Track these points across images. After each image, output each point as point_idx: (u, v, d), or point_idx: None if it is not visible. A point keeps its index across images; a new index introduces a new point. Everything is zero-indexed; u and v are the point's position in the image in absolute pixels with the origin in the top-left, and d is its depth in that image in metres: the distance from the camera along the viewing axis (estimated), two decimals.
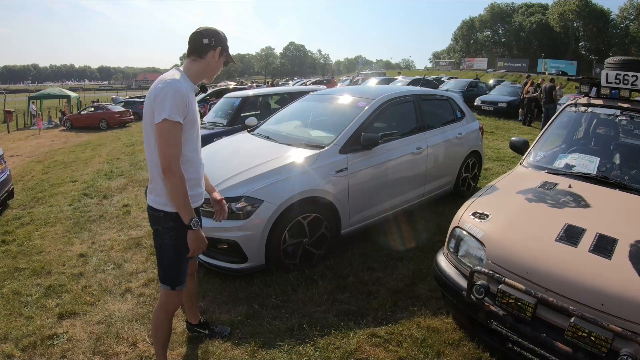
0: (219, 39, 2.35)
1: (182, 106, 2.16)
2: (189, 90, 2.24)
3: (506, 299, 2.36)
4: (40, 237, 5.02)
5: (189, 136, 2.29)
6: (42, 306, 3.46)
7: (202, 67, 2.35)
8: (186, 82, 2.27)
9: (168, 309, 2.47)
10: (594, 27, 70.09)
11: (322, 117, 5.31)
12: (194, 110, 2.31)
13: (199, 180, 2.43)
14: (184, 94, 2.17)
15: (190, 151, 2.32)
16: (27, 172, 9.50)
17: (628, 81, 3.52)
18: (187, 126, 2.25)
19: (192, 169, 2.35)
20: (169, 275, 2.38)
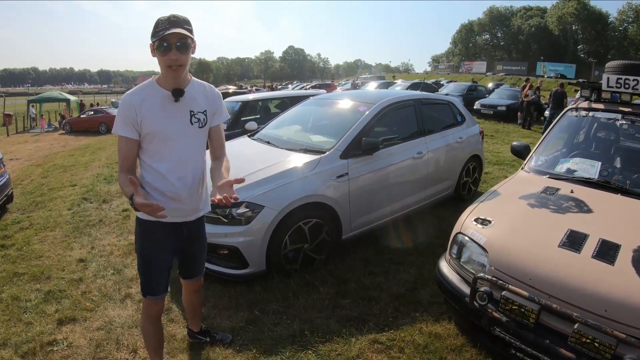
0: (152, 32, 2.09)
1: (127, 118, 2.11)
2: (143, 99, 2.13)
3: (509, 305, 2.35)
4: (39, 242, 5.00)
5: (151, 150, 2.20)
6: (42, 312, 3.44)
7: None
8: (150, 90, 2.17)
9: (149, 315, 2.45)
10: (593, 30, 70.28)
11: (322, 122, 5.31)
12: (152, 122, 2.14)
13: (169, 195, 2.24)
14: (126, 108, 2.11)
15: (156, 162, 2.21)
16: (27, 176, 9.48)
17: (629, 85, 3.52)
18: (147, 139, 2.17)
19: (159, 180, 2.22)
20: (141, 282, 2.37)
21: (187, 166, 2.27)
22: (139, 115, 2.10)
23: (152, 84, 2.19)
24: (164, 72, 2.14)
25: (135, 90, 2.18)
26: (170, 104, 2.18)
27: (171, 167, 2.21)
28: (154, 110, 2.14)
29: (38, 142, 17.68)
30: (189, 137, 2.25)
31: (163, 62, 2.08)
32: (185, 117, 2.23)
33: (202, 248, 2.61)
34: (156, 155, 2.20)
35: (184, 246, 2.44)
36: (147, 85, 2.19)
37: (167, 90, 2.17)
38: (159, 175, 2.21)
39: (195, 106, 2.26)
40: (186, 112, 2.23)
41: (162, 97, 2.16)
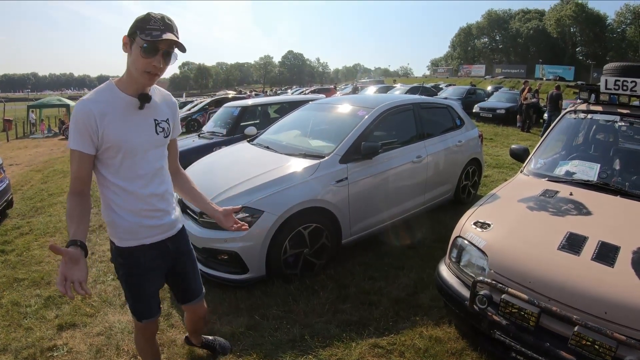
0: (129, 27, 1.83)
1: (85, 130, 1.80)
2: (108, 107, 1.84)
3: (509, 308, 2.35)
4: (39, 247, 4.99)
5: (115, 165, 1.91)
6: (42, 317, 3.44)
7: (127, 69, 1.89)
8: (109, 97, 1.87)
9: (144, 336, 2.34)
10: (591, 32, 70.55)
11: (321, 127, 5.32)
12: (115, 133, 1.85)
13: (144, 212, 2.01)
14: (84, 118, 1.79)
15: (124, 179, 1.93)
16: (27, 181, 9.48)
17: (627, 87, 3.53)
18: (110, 153, 1.88)
19: (130, 199, 1.96)
20: (132, 308, 2.20)
21: (158, 179, 2.05)
22: (100, 126, 1.81)
23: (112, 89, 1.89)
24: (135, 75, 1.86)
25: (92, 97, 1.85)
26: (134, 112, 1.92)
27: (143, 183, 1.97)
28: (116, 119, 1.86)
29: (38, 148, 17.68)
30: (156, 148, 2.03)
31: (142, 65, 1.81)
32: (151, 127, 1.98)
33: (193, 263, 2.37)
34: (123, 172, 1.92)
35: (172, 264, 2.23)
36: (106, 90, 1.89)
37: (130, 95, 1.90)
38: (129, 195, 1.95)
39: (159, 114, 2.03)
40: (151, 121, 1.99)
41: (125, 104, 1.89)
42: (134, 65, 1.83)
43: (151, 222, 2.03)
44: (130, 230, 1.99)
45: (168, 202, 2.12)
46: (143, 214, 1.99)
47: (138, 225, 1.99)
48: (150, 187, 2.00)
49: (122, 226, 1.98)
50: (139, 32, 1.77)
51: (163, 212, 2.08)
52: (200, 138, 7.79)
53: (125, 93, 1.89)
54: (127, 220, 1.97)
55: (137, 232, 2.01)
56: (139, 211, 1.97)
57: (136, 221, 1.98)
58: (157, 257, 2.11)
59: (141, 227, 2.00)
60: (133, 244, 2.02)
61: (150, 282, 2.14)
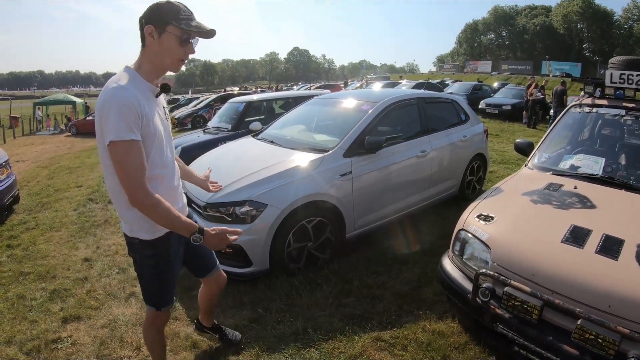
0: (149, 16, 1.82)
1: (135, 118, 1.75)
2: (141, 95, 1.81)
3: (512, 301, 2.34)
4: (45, 242, 5.03)
5: (150, 152, 1.88)
6: (47, 310, 3.47)
7: (149, 59, 1.88)
8: (138, 84, 1.84)
9: (158, 326, 2.35)
10: (598, 28, 69.92)
11: (326, 121, 5.31)
12: (153, 119, 1.86)
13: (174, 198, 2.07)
14: (132, 104, 1.73)
15: (157, 167, 1.94)
16: (33, 178, 9.54)
17: (632, 81, 3.49)
18: (148, 140, 1.85)
19: (162, 184, 1.98)
20: (153, 298, 2.22)
21: (175, 165, 2.14)
22: (142, 114, 1.78)
23: (137, 76, 1.87)
24: (167, 64, 1.89)
25: (129, 84, 1.80)
26: (153, 100, 1.93)
27: (169, 169, 2.04)
28: (148, 107, 1.84)
29: (44, 144, 17.78)
30: (170, 136, 2.10)
31: (179, 54, 1.86)
32: (165, 114, 2.05)
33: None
34: (154, 161, 1.92)
35: (187, 247, 2.28)
36: (134, 78, 1.85)
37: (151, 84, 1.91)
38: (162, 181, 1.99)
39: (164, 102, 2.10)
40: (162, 109, 2.03)
41: (147, 91, 1.89)
42: (168, 55, 1.86)
43: (175, 207, 1.99)
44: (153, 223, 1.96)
45: (179, 188, 2.19)
46: (171, 199, 1.99)
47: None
48: (174, 172, 2.08)
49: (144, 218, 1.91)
50: (174, 22, 1.80)
51: (180, 196, 2.17)
52: (206, 133, 7.80)
53: (146, 81, 1.89)
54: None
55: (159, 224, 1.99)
56: (169, 198, 1.95)
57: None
58: (177, 241, 2.16)
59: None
60: (163, 232, 2.03)
61: (175, 267, 2.20)
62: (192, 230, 1.90)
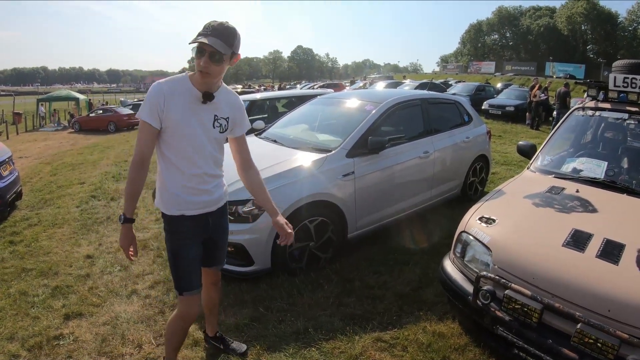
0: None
1: (153, 107, 2.10)
2: (177, 93, 2.15)
3: (512, 304, 2.35)
4: (47, 238, 5.05)
5: (171, 143, 2.19)
6: (49, 307, 3.48)
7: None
8: (179, 85, 2.17)
9: (182, 317, 2.39)
10: (602, 30, 69.61)
11: (329, 121, 5.32)
12: (176, 116, 2.14)
13: (189, 189, 2.27)
14: (156, 96, 2.11)
15: (175, 156, 2.21)
16: (36, 174, 9.57)
17: (636, 84, 3.48)
18: (168, 132, 2.16)
19: (179, 175, 2.23)
20: (174, 279, 2.36)
21: (207, 163, 2.29)
22: (165, 105, 2.11)
23: (185, 80, 2.19)
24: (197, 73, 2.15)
25: (167, 81, 2.19)
26: (198, 104, 2.19)
27: (189, 163, 2.23)
28: (181, 104, 2.15)
29: (47, 141, 17.83)
30: (209, 138, 2.27)
31: (196, 64, 2.11)
32: (209, 120, 2.25)
33: (225, 237, 2.61)
34: (175, 151, 2.20)
35: (209, 236, 2.45)
36: (180, 79, 2.20)
37: (197, 90, 2.18)
38: (177, 171, 2.22)
39: (219, 111, 2.29)
40: (210, 116, 2.26)
41: (191, 95, 2.17)
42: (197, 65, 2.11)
43: (191, 198, 2.27)
44: (176, 202, 2.26)
45: (212, 184, 2.35)
46: (185, 190, 2.25)
47: (179, 198, 2.25)
48: (194, 169, 2.25)
49: (166, 196, 2.26)
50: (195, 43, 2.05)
51: (202, 191, 2.31)
52: None
53: (194, 86, 2.17)
54: (171, 192, 2.25)
55: (179, 204, 2.26)
56: (181, 187, 2.24)
57: (178, 194, 2.25)
58: (196, 227, 2.34)
59: (182, 200, 2.26)
60: (175, 213, 2.27)
61: (189, 248, 2.33)
62: (125, 212, 2.24)
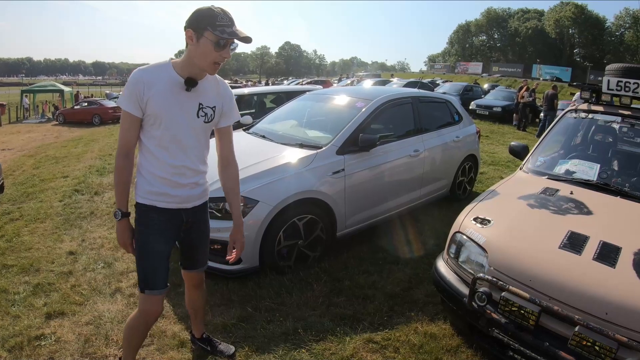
0: (191, 20, 1.99)
1: (133, 95, 2.00)
2: (154, 79, 2.03)
3: (509, 306, 2.31)
4: (29, 234, 4.90)
5: (150, 132, 2.10)
6: (30, 305, 3.34)
7: (187, 56, 2.06)
8: (162, 72, 2.06)
9: (142, 316, 2.26)
10: (589, 35, 70.48)
11: (318, 117, 5.26)
12: (157, 104, 2.04)
13: (165, 180, 2.15)
14: (136, 83, 2.00)
15: (155, 145, 2.11)
16: (18, 167, 9.36)
17: (629, 88, 3.51)
18: (149, 121, 2.07)
19: (156, 164, 2.13)
20: (138, 275, 2.23)
21: (188, 156, 2.18)
22: (146, 93, 2.01)
23: (167, 67, 2.08)
24: (203, 65, 2.04)
25: (148, 68, 2.07)
26: (181, 92, 2.08)
27: (167, 154, 2.12)
28: (163, 93, 2.04)
29: (31, 133, 17.52)
30: (193, 128, 2.17)
31: (214, 57, 2.00)
32: (193, 109, 2.14)
33: (203, 237, 2.48)
34: (157, 141, 2.10)
35: (183, 235, 2.33)
36: (162, 66, 2.08)
37: (181, 77, 2.07)
38: (154, 160, 2.12)
39: (205, 100, 2.18)
40: (195, 104, 2.15)
41: (174, 82, 2.06)
42: (203, 57, 2.01)
43: (165, 189, 2.16)
44: (146, 191, 2.15)
45: (192, 178, 2.24)
46: (160, 180, 2.15)
47: (153, 188, 2.15)
48: (172, 160, 2.14)
49: (140, 185, 2.16)
50: (210, 28, 1.94)
51: (179, 185, 2.19)
52: None
53: (177, 73, 2.07)
54: (146, 180, 2.15)
55: (152, 194, 2.15)
56: (157, 177, 2.14)
57: (153, 183, 2.15)
58: (167, 223, 2.23)
59: (155, 191, 2.15)
60: (146, 202, 2.17)
61: (156, 242, 2.21)
62: (119, 207, 2.15)
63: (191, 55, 2.03)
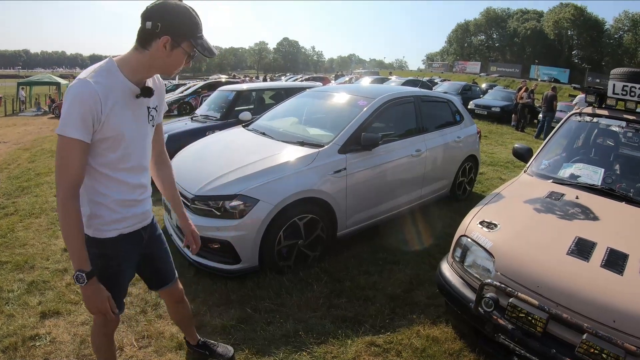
0: (168, 24, 1.66)
1: (87, 117, 1.59)
2: (109, 91, 1.65)
3: (516, 313, 2.27)
4: (24, 229, 4.82)
5: (107, 155, 1.75)
6: (24, 304, 3.27)
7: (144, 61, 1.73)
8: (112, 80, 1.68)
9: (105, 333, 2.15)
10: (588, 36, 70.77)
11: (320, 115, 5.19)
12: (117, 122, 1.70)
13: (127, 202, 1.89)
14: (89, 101, 1.59)
15: (110, 170, 1.79)
16: (13, 160, 9.24)
17: (635, 93, 3.49)
18: (106, 143, 1.71)
19: (117, 188, 1.82)
20: None
21: (144, 169, 1.95)
22: (104, 111, 1.64)
23: (115, 72, 1.71)
24: (158, 69, 1.78)
25: (97, 77, 1.64)
26: (132, 100, 1.78)
27: (133, 174, 1.88)
28: (118, 106, 1.70)
29: (27, 126, 17.33)
30: (146, 138, 1.93)
31: (175, 64, 1.76)
32: (145, 116, 1.88)
33: (165, 246, 2.25)
34: (116, 163, 1.79)
35: (146, 252, 2.10)
36: (110, 73, 1.70)
37: (133, 83, 1.75)
38: (120, 185, 1.84)
39: (150, 102, 1.91)
40: (145, 110, 1.87)
41: (126, 90, 1.74)
42: (171, 67, 1.77)
43: (133, 212, 1.93)
44: (113, 222, 1.86)
45: (148, 190, 2.03)
46: (128, 204, 1.89)
47: (122, 216, 1.88)
48: (139, 178, 1.91)
49: (105, 217, 1.83)
50: (192, 40, 1.72)
51: (143, 202, 1.99)
52: (193, 121, 7.61)
53: (127, 78, 1.73)
54: (113, 211, 1.84)
55: (118, 223, 1.88)
56: (125, 201, 1.87)
57: (121, 212, 1.87)
58: (133, 247, 2.00)
59: (124, 217, 1.89)
60: (113, 234, 1.88)
61: (126, 274, 2.02)
62: (80, 267, 1.68)
63: (156, 61, 1.73)
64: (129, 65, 1.73)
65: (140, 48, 1.71)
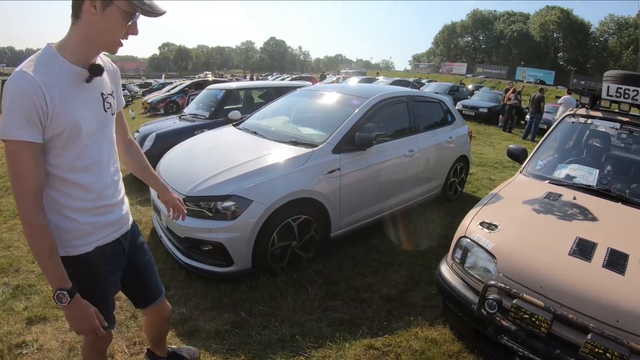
0: None
1: (32, 114, 1.39)
2: (55, 81, 1.45)
3: (520, 314, 2.25)
4: (8, 230, 4.68)
5: (62, 155, 1.53)
6: (10, 309, 3.14)
7: (82, 34, 1.49)
8: (53, 67, 1.47)
9: (97, 350, 1.96)
10: (574, 39, 71.83)
11: (312, 114, 5.13)
12: (66, 114, 1.48)
13: (103, 209, 1.69)
14: (32, 94, 1.38)
15: (67, 172, 1.56)
16: None
17: (629, 95, 3.53)
18: (56, 144, 1.50)
19: (81, 194, 1.60)
20: None
21: (109, 167, 1.72)
22: (51, 105, 1.43)
23: (55, 56, 1.49)
24: (96, 40, 1.51)
25: (36, 67, 1.44)
26: (81, 86, 1.55)
27: (97, 173, 1.65)
28: (66, 96, 1.48)
29: None
30: (106, 128, 1.69)
31: (120, 32, 1.51)
32: (99, 103, 1.64)
33: (150, 259, 2.05)
34: (73, 163, 1.56)
35: (129, 263, 1.90)
36: (50, 59, 1.48)
37: (77, 65, 1.52)
38: (83, 191, 1.61)
39: (104, 87, 1.68)
40: (98, 96, 1.64)
41: (73, 76, 1.52)
42: (110, 33, 1.50)
43: (108, 219, 1.72)
44: (84, 234, 1.64)
45: (120, 192, 1.81)
46: (99, 211, 1.67)
47: (94, 226, 1.66)
48: (106, 177, 1.69)
49: (71, 231, 1.60)
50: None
51: (118, 205, 1.78)
52: (182, 120, 7.49)
53: (70, 62, 1.51)
54: (79, 223, 1.62)
55: (92, 234, 1.66)
56: (94, 208, 1.65)
57: (92, 221, 1.65)
58: (115, 259, 1.80)
59: (97, 227, 1.68)
60: (87, 249, 1.65)
61: (111, 290, 1.81)
62: (60, 286, 1.50)
63: (90, 30, 1.48)
64: (67, 46, 1.51)
65: (75, 20, 1.49)
